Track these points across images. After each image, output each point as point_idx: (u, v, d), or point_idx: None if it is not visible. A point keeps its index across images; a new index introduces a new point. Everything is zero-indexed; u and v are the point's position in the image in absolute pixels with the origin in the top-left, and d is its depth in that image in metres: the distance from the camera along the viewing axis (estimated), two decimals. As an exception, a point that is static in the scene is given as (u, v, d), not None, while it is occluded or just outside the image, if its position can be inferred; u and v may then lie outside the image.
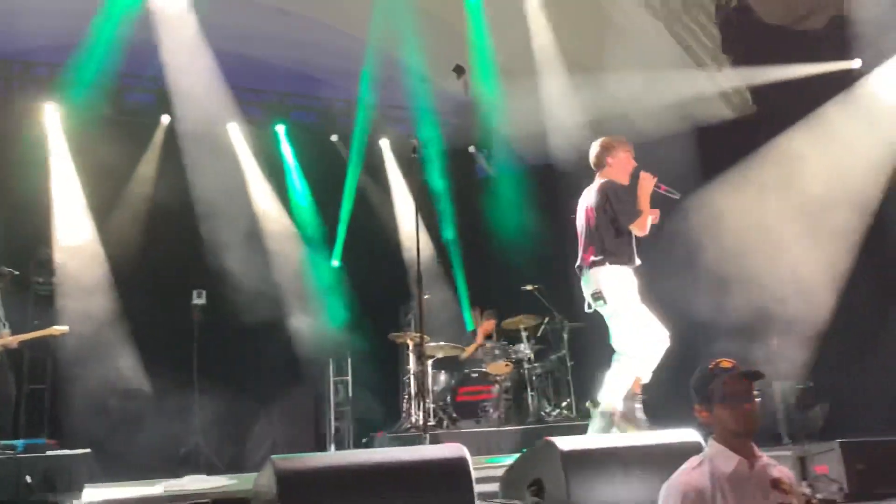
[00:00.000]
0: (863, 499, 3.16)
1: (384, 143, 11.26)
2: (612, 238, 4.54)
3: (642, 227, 4.54)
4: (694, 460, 2.52)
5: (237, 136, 10.12)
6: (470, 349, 8.66)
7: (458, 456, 3.10)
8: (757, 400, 2.44)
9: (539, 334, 8.50)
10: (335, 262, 10.37)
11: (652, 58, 10.04)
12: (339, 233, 10.49)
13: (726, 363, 2.52)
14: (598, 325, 9.24)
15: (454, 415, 7.76)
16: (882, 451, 3.29)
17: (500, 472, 3.78)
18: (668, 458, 2.70)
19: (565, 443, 3.01)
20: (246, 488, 3.59)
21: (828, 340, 8.66)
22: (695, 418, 2.49)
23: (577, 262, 4.77)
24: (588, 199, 4.77)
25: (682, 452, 2.65)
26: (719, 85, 10.07)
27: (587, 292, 4.64)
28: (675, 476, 2.49)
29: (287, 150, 10.55)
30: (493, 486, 3.69)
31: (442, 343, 8.35)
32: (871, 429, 5.97)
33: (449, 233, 11.16)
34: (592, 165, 4.94)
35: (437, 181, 11.36)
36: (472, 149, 11.85)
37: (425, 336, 7.89)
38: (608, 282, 4.49)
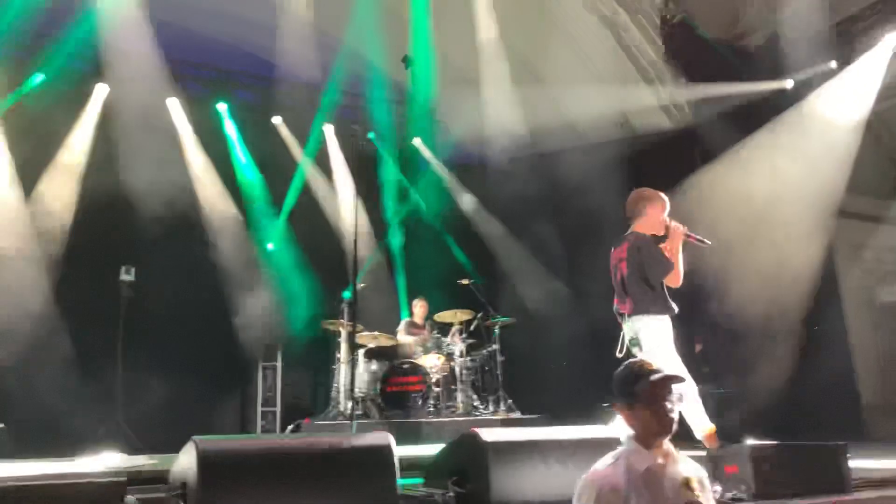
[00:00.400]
0: (769, 498, 3.31)
1: (328, 129, 11.15)
2: (647, 290, 4.70)
3: (675, 280, 4.73)
4: (610, 456, 2.59)
5: (177, 111, 9.85)
6: (409, 338, 8.67)
7: (382, 444, 3.11)
8: (677, 402, 2.53)
9: (471, 329, 8.59)
10: (270, 245, 10.22)
11: (597, 66, 10.25)
12: (280, 216, 10.35)
13: (650, 366, 2.61)
14: (529, 324, 9.43)
15: (383, 405, 7.76)
16: (788, 453, 3.47)
17: (425, 463, 3.82)
18: (587, 453, 2.78)
19: (489, 434, 3.06)
20: (165, 468, 3.52)
21: (749, 346, 9.04)
22: (603, 413, 2.58)
23: (616, 307, 4.91)
24: (621, 251, 4.91)
25: (600, 447, 2.73)
26: (660, 97, 10.35)
27: (627, 336, 4.78)
28: (591, 471, 2.55)
29: (231, 129, 10.34)
30: (417, 476, 3.72)
31: (375, 333, 8.35)
32: (787, 432, 6.23)
33: (390, 223, 11.17)
34: (628, 213, 5.06)
35: (381, 170, 11.35)
36: (416, 141, 11.85)
37: (358, 325, 7.89)
38: (646, 331, 4.68)
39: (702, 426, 4.69)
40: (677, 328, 4.92)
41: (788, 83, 9.78)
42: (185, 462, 2.91)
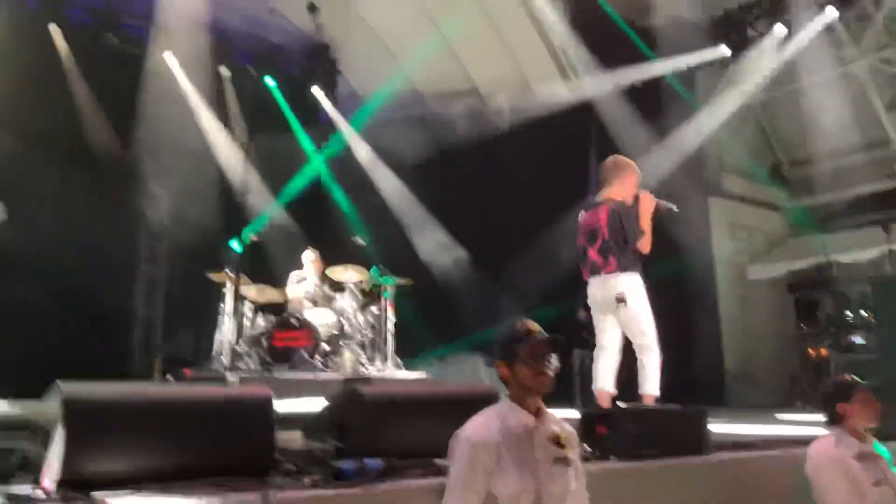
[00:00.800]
0: (633, 458, 3.50)
1: (224, 71, 10.71)
2: (627, 252, 4.96)
3: (646, 246, 5.00)
4: (486, 412, 2.65)
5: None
6: (298, 292, 8.50)
7: (261, 397, 3.06)
8: (555, 364, 2.59)
9: (364, 287, 8.54)
10: (157, 189, 9.71)
11: (503, 32, 10.24)
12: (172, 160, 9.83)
13: (533, 326, 2.67)
14: (421, 285, 9.44)
15: (268, 359, 7.63)
16: (653, 416, 3.67)
17: (306, 418, 3.78)
18: (465, 408, 2.82)
19: (370, 389, 3.06)
20: (27, 415, 3.32)
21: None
22: (481, 371, 2.65)
23: (591, 269, 5.07)
24: (596, 214, 5.08)
25: (477, 404, 2.78)
26: (562, 68, 10.51)
27: (607, 295, 4.97)
28: (466, 427, 2.61)
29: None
30: (296, 432, 3.69)
31: (262, 286, 8.16)
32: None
33: (289, 174, 10.90)
34: (601, 178, 5.27)
35: (279, 118, 11.04)
36: (315, 88, 11.56)
37: (246, 278, 7.68)
38: (632, 288, 4.93)
39: (645, 387, 4.92)
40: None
41: (682, 64, 10.15)
42: (48, 408, 2.75)
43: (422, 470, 2.88)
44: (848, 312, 10.55)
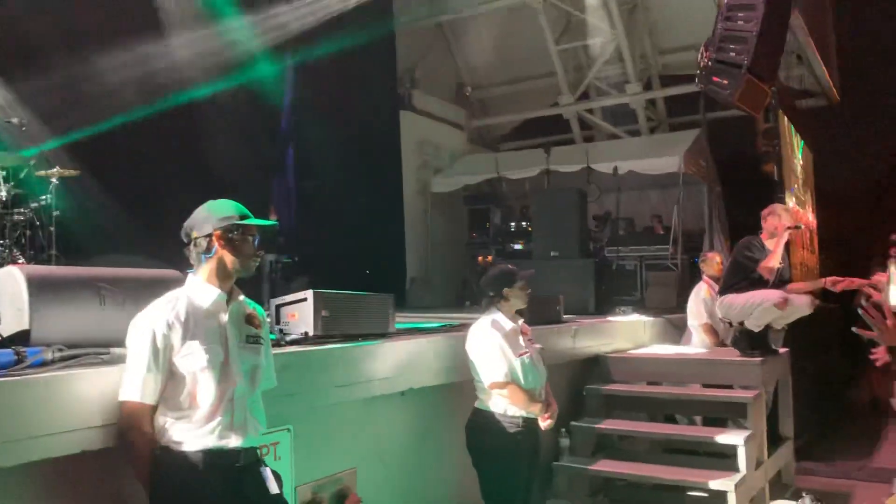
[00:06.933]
0: (326, 341, 3.64)
1: None
2: None
3: None
4: (170, 294, 2.53)
5: None
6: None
7: None
8: (259, 256, 2.63)
9: (16, 176, 7.35)
10: None
11: None
12: None
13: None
14: (89, 179, 8.41)
15: None
16: (342, 301, 3.80)
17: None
18: (145, 292, 2.63)
19: (29, 270, 2.66)
20: None
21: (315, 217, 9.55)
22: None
23: None
24: None
25: (159, 287, 2.60)
26: None
27: None
28: (146, 310, 2.47)
29: None
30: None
31: None
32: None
33: None
34: None
35: None
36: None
37: None
38: None
39: None
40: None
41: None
42: None
43: (96, 358, 2.62)
44: (512, 223, 11.87)
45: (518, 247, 11.13)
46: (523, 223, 11.49)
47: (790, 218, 5.61)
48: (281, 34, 9.31)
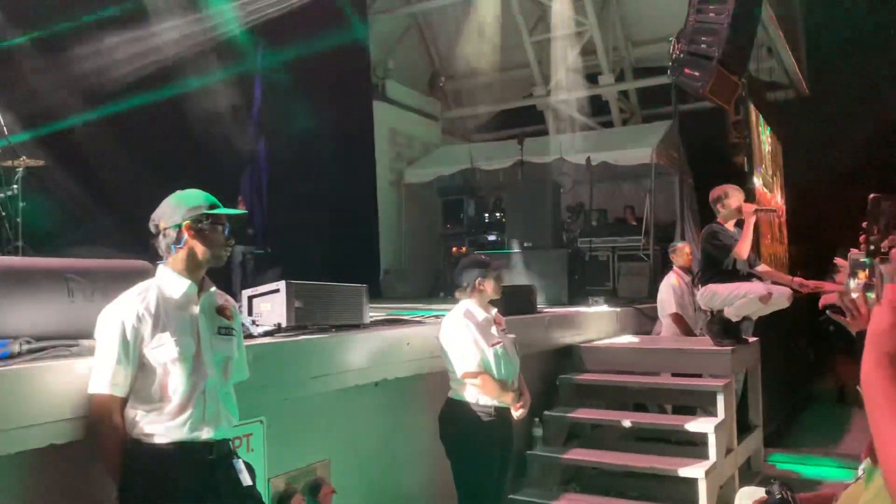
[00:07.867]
0: (299, 331, 3.62)
1: None
2: None
3: None
4: (141, 284, 2.50)
5: None
6: None
7: None
8: (230, 245, 2.62)
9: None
10: None
11: None
12: None
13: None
14: (57, 167, 8.26)
15: None
16: (315, 292, 3.78)
17: None
18: (115, 283, 2.59)
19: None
20: None
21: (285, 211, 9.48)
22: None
23: None
24: None
25: (128, 278, 2.57)
26: None
27: None
28: (116, 301, 2.44)
29: None
30: None
31: None
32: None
33: None
34: None
35: None
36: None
37: None
38: None
39: None
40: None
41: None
42: None
43: (65, 350, 2.58)
44: (486, 215, 11.89)
45: (492, 238, 11.15)
46: (497, 214, 11.51)
47: (741, 196, 5.59)
48: (252, 22, 9.20)
